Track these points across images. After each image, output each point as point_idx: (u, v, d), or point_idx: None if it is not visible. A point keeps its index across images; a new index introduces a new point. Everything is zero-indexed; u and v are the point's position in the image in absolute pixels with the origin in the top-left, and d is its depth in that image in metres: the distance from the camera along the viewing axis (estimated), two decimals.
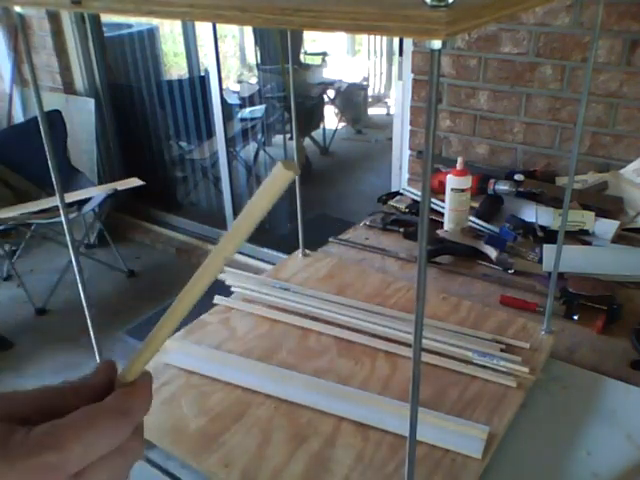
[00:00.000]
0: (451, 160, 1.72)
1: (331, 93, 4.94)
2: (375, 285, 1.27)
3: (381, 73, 5.66)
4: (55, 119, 2.94)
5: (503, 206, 1.65)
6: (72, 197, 2.73)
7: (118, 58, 3.60)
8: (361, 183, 4.07)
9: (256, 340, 1.10)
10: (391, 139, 2.22)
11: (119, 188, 2.84)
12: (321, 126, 4.70)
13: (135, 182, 2.93)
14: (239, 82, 4.93)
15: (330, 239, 1.57)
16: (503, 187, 1.69)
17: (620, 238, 1.50)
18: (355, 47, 6.15)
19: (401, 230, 1.59)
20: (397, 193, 1.84)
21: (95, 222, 3.13)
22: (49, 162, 0.88)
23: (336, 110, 5.08)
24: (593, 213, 1.52)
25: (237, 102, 3.81)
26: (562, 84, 1.74)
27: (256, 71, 4.48)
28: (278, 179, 0.34)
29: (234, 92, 4.17)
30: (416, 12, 0.40)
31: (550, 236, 1.46)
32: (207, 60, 2.88)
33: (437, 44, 0.42)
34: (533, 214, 1.56)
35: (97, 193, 2.81)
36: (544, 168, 1.84)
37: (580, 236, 1.50)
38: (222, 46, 4.35)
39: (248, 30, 4.56)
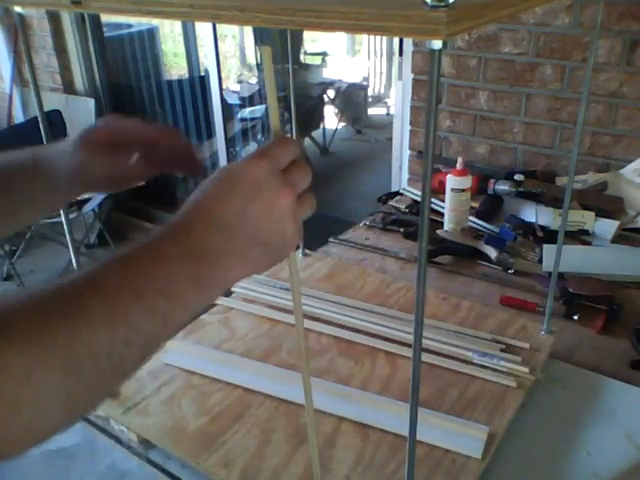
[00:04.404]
0: (451, 160, 1.72)
1: (331, 93, 4.94)
2: (375, 285, 1.27)
3: (381, 73, 5.66)
4: (55, 119, 2.93)
5: (503, 206, 1.65)
6: None
7: (118, 58, 3.59)
8: (361, 183, 4.07)
9: (256, 340, 1.10)
10: (391, 139, 2.22)
11: None
12: (321, 126, 4.70)
13: None
14: (239, 82, 4.93)
15: (330, 239, 1.57)
16: (503, 187, 1.69)
17: (620, 238, 1.50)
18: (355, 47, 6.16)
19: (401, 230, 1.59)
20: (397, 193, 1.84)
21: (95, 222, 3.13)
22: None
23: (336, 110, 5.08)
24: (593, 213, 1.52)
25: (237, 102, 3.81)
26: (562, 84, 1.74)
27: (256, 71, 4.48)
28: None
29: (234, 92, 4.17)
30: (416, 12, 0.39)
31: (550, 236, 1.46)
32: (207, 60, 2.88)
33: (437, 44, 0.42)
34: (533, 214, 1.56)
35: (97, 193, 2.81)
36: (544, 168, 1.84)
37: (580, 236, 1.50)
38: (222, 46, 4.35)
39: (248, 30, 4.56)
